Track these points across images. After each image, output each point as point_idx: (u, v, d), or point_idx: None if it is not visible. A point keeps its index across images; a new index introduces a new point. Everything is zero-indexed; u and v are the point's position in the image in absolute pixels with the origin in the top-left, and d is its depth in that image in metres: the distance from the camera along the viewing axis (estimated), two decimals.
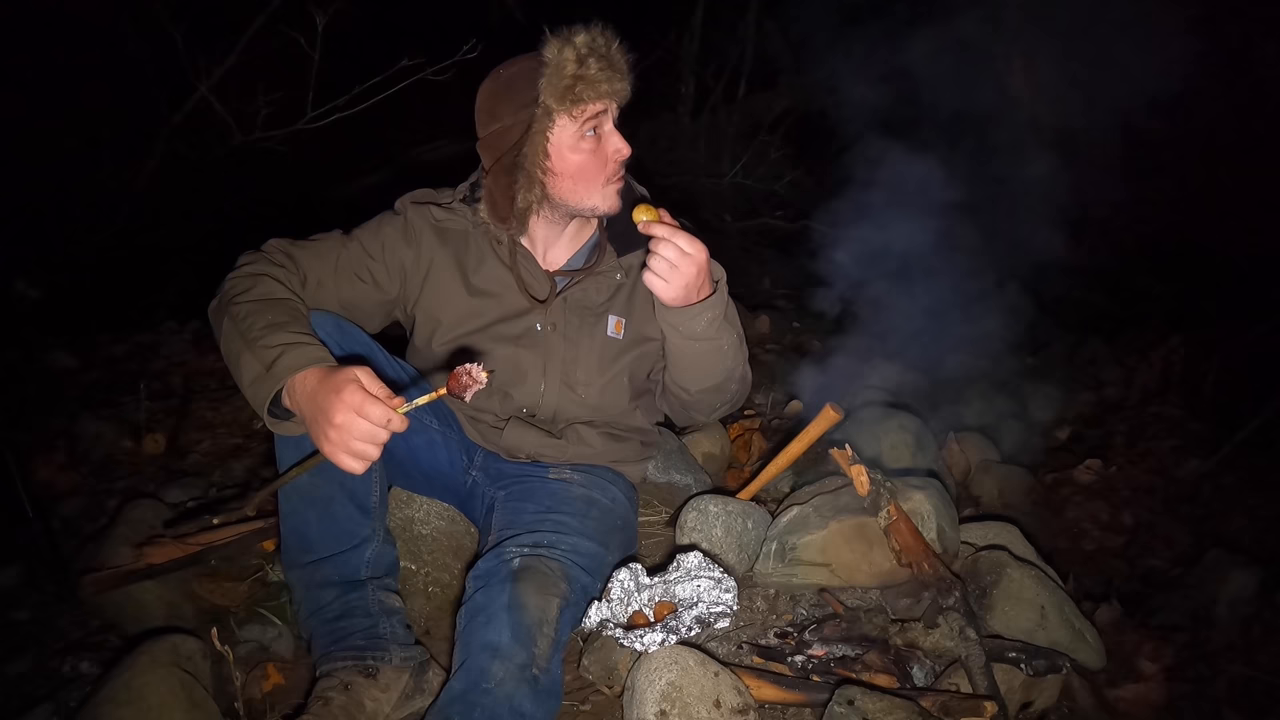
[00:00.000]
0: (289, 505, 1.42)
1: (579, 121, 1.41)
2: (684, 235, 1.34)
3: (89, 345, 2.98)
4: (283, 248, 1.46)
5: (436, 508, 1.74)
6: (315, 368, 1.17)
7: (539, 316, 1.57)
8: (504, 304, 1.57)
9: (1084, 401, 3.19)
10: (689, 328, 1.43)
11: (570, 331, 1.58)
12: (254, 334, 1.24)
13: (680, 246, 1.33)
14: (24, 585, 1.74)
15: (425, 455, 1.60)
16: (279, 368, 1.19)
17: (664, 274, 1.35)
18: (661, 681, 1.28)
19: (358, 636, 1.38)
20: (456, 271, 1.56)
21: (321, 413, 1.11)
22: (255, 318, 1.27)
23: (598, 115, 1.42)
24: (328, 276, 1.47)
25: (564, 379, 1.59)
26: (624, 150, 1.45)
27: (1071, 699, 1.55)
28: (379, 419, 1.07)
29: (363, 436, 1.08)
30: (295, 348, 1.21)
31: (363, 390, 1.08)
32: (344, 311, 1.49)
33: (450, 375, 1.07)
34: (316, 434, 1.12)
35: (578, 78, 1.37)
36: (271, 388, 1.19)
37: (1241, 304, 3.45)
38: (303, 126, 3.72)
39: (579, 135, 1.42)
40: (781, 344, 3.64)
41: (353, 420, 1.07)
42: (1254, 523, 2.35)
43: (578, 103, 1.39)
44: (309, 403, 1.15)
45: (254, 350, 1.22)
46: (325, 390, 1.11)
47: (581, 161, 1.44)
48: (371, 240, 1.52)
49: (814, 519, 1.67)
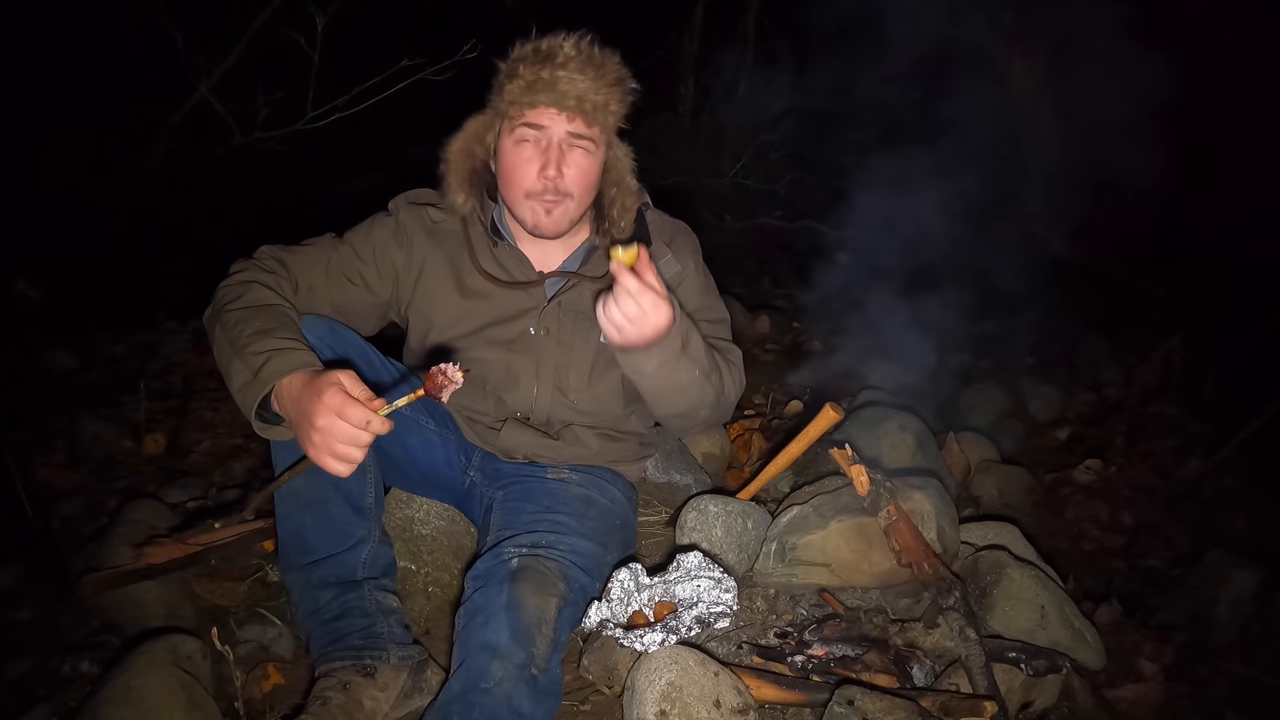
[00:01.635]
0: (284, 508, 1.43)
1: (514, 124, 1.41)
2: (650, 297, 1.23)
3: (89, 345, 2.98)
4: (274, 254, 1.46)
5: (436, 508, 1.74)
6: (301, 372, 1.18)
7: (532, 320, 1.56)
8: (496, 306, 1.56)
9: (1084, 401, 3.19)
10: (635, 366, 1.36)
11: (564, 336, 1.57)
12: (242, 341, 1.25)
13: (643, 308, 1.23)
14: (24, 585, 1.74)
15: (423, 456, 1.60)
16: (265, 373, 1.20)
17: (616, 323, 1.25)
18: (661, 681, 1.28)
19: (355, 636, 1.38)
20: (449, 273, 1.56)
21: (305, 416, 1.12)
22: (244, 325, 1.28)
23: (537, 124, 1.40)
24: (319, 281, 1.47)
25: (556, 383, 1.58)
26: (549, 172, 1.41)
27: (1071, 699, 1.55)
28: (358, 421, 1.07)
29: (345, 439, 1.08)
30: (281, 353, 1.22)
31: (343, 393, 1.09)
32: (337, 315, 1.49)
33: (426, 375, 1.07)
34: (302, 438, 1.13)
35: (514, 77, 1.38)
36: (258, 393, 1.20)
37: (1241, 304, 3.45)
38: (303, 127, 3.72)
39: (512, 139, 1.42)
40: (781, 344, 3.64)
41: (334, 423, 1.08)
42: (1254, 523, 2.35)
43: (513, 104, 1.39)
44: (294, 407, 1.16)
45: (242, 357, 1.24)
46: (308, 394, 1.12)
47: (509, 166, 1.45)
48: (362, 243, 1.52)
49: (814, 519, 1.66)
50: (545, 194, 1.43)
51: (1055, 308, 3.75)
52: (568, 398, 1.59)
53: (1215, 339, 3.24)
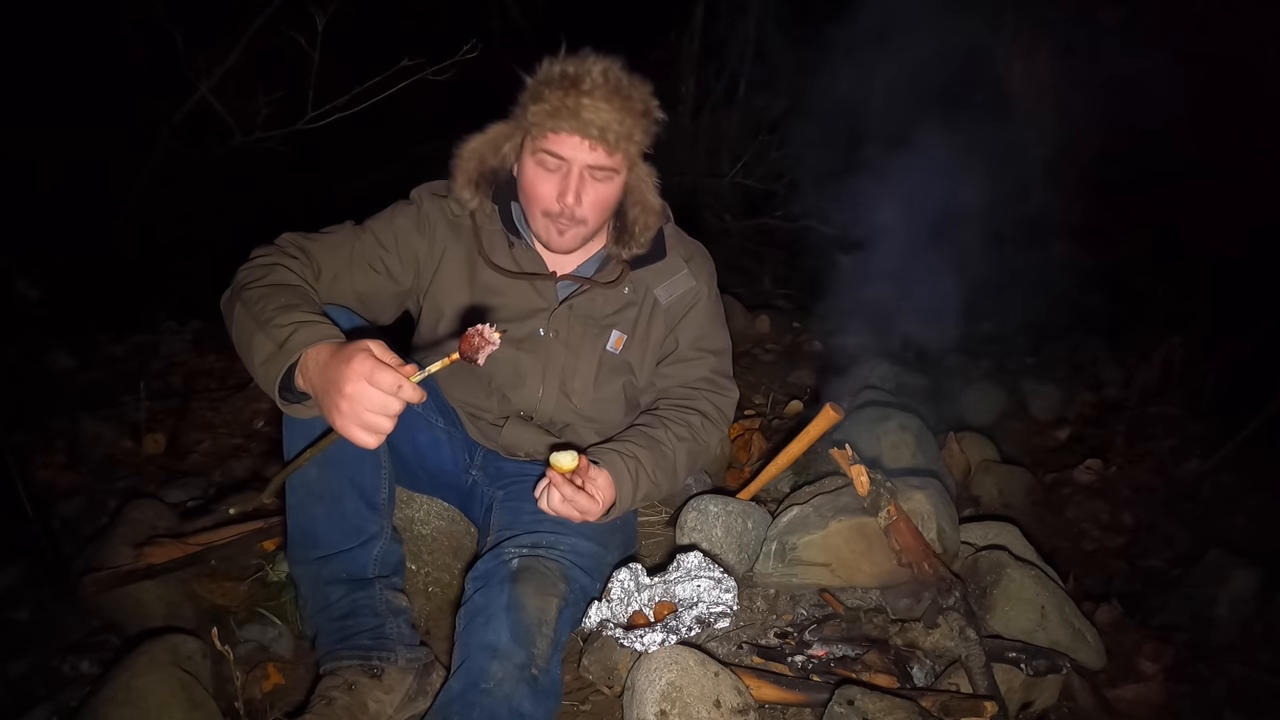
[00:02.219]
0: (296, 499, 1.40)
1: (537, 144, 1.41)
2: (584, 500, 1.35)
3: (89, 345, 2.98)
4: (296, 241, 1.44)
5: (437, 508, 1.74)
6: (328, 343, 1.15)
7: (542, 321, 1.57)
8: (509, 304, 1.56)
9: (1084, 401, 3.19)
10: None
11: (573, 340, 1.57)
12: (267, 315, 1.22)
13: (581, 509, 1.35)
14: (24, 585, 1.74)
15: (430, 453, 1.60)
16: (291, 344, 1.16)
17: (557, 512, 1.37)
18: (661, 681, 1.28)
19: (364, 636, 1.37)
20: (465, 266, 1.56)
21: (333, 384, 1.07)
22: (268, 300, 1.25)
23: (559, 153, 1.39)
24: (342, 269, 1.46)
25: (562, 386, 1.59)
26: (568, 199, 1.41)
27: (1071, 699, 1.55)
28: (389, 386, 1.04)
29: (374, 407, 1.04)
30: (308, 325, 1.19)
31: (373, 358, 1.05)
32: (359, 304, 1.49)
33: (462, 337, 1.03)
34: (328, 407, 1.09)
35: (539, 99, 1.37)
36: (284, 363, 1.16)
37: (1241, 304, 3.45)
38: (303, 126, 3.71)
39: (533, 159, 1.43)
40: (781, 344, 3.64)
41: (364, 389, 1.04)
42: (1254, 523, 2.36)
43: (536, 125, 1.39)
44: (320, 376, 1.12)
45: (266, 330, 1.20)
46: (336, 362, 1.08)
47: (529, 181, 1.45)
48: (385, 231, 1.52)
49: (814, 519, 1.67)
50: (561, 217, 1.44)
51: (1055, 308, 3.75)
52: (571, 401, 1.59)
53: (1215, 339, 3.24)
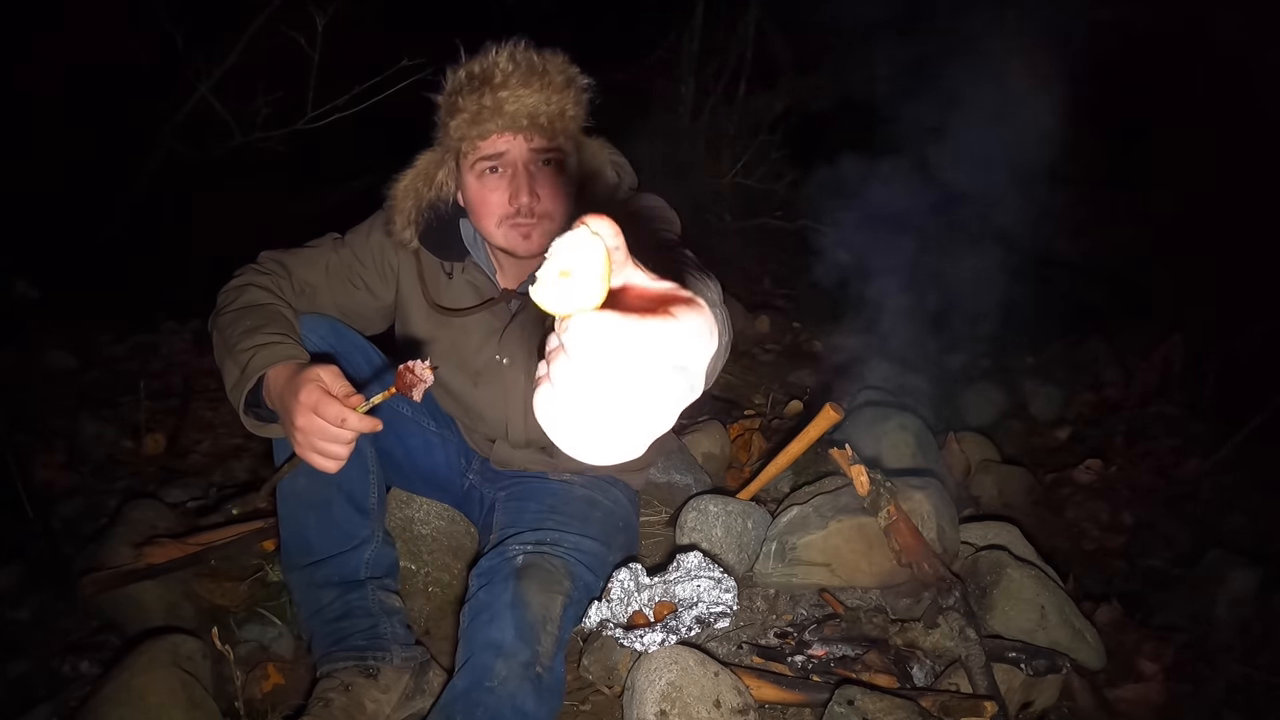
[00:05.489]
0: (287, 508, 1.42)
1: (471, 159, 1.31)
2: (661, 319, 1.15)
3: (89, 345, 2.98)
4: (274, 256, 1.44)
5: (436, 508, 1.74)
6: (284, 365, 1.16)
7: (495, 347, 1.49)
8: (457, 333, 1.49)
9: (1084, 401, 3.19)
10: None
11: (528, 363, 1.47)
12: (233, 340, 1.24)
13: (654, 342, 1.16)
14: (24, 585, 1.74)
15: (423, 457, 1.60)
16: (251, 368, 1.19)
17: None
18: (661, 681, 1.28)
19: (358, 637, 1.38)
20: (420, 292, 1.49)
21: (286, 413, 1.10)
22: (235, 325, 1.27)
23: (495, 154, 1.29)
24: (320, 283, 1.45)
25: (527, 414, 1.50)
26: (522, 199, 1.30)
27: (1071, 699, 1.55)
28: (333, 419, 1.05)
29: (324, 436, 1.06)
30: (266, 347, 1.20)
31: (320, 390, 1.06)
32: (343, 317, 1.48)
33: (396, 374, 1.03)
34: (288, 432, 1.11)
35: (455, 111, 1.27)
36: (245, 387, 1.19)
37: (1241, 304, 3.45)
38: (303, 126, 3.71)
39: (473, 174, 1.32)
40: (781, 344, 3.64)
41: (312, 421, 1.06)
42: (1254, 523, 2.36)
43: (463, 139, 1.29)
44: (279, 402, 1.14)
45: (233, 355, 1.23)
46: (289, 390, 1.10)
47: (477, 200, 1.34)
48: (362, 246, 1.48)
49: (814, 519, 1.67)
50: (519, 215, 1.32)
51: (1055, 308, 3.75)
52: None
53: (1215, 338, 3.24)
